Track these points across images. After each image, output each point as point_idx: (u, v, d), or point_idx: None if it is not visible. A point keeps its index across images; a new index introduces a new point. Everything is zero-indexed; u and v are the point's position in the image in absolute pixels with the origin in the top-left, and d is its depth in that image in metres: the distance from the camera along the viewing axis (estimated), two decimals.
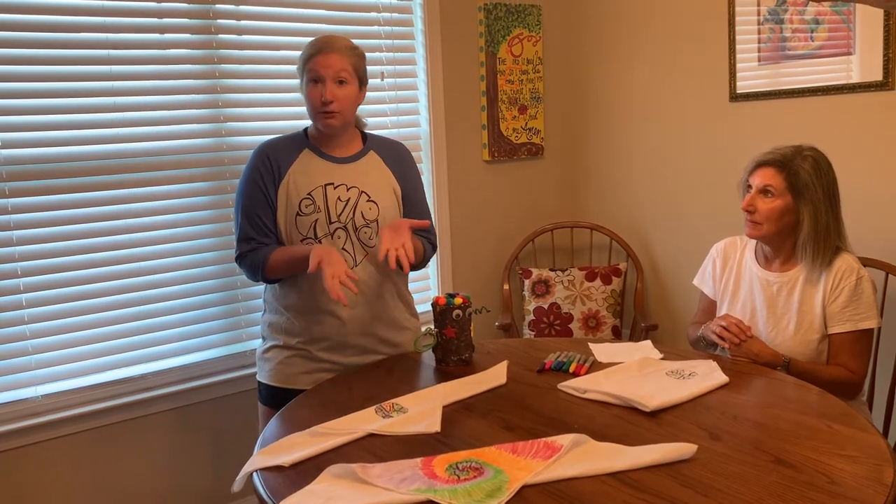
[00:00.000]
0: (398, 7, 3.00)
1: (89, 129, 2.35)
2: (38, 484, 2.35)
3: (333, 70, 1.94)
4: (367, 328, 2.05)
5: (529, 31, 3.35)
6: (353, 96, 1.99)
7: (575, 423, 1.59)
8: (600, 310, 3.21)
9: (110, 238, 2.42)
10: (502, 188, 3.39)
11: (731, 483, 1.31)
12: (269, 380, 2.07)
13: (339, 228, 2.01)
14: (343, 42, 1.98)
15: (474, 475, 1.36)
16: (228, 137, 2.60)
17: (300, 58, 2.00)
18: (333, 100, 1.94)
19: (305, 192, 1.99)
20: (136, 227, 2.46)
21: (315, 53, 1.95)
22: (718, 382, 1.76)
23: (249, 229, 2.01)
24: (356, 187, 2.03)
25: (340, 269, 1.83)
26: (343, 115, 1.99)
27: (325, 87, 1.94)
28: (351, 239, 2.02)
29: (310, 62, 1.96)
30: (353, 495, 1.30)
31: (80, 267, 2.37)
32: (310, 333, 2.02)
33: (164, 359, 2.56)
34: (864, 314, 1.95)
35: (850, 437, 1.46)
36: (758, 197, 1.99)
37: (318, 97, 1.95)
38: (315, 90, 1.95)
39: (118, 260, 2.44)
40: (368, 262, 2.04)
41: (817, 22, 2.65)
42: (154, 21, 2.43)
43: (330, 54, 1.94)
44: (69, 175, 2.33)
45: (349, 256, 2.02)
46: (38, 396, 2.34)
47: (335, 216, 2.00)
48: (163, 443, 2.56)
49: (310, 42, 2.00)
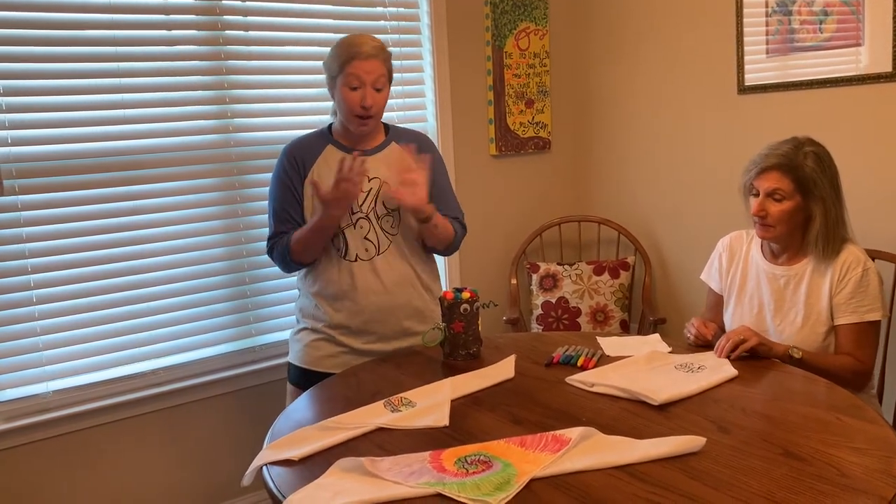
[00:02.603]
0: (405, 2, 2.99)
1: (98, 127, 2.36)
2: (49, 479, 2.36)
3: (373, 77, 1.99)
4: (386, 316, 2.09)
5: (536, 25, 3.34)
6: (386, 99, 2.06)
7: (583, 416, 1.59)
8: (608, 304, 3.20)
9: (120, 234, 2.43)
10: (510, 183, 3.39)
11: (739, 476, 1.31)
12: (298, 361, 2.15)
13: (362, 218, 2.07)
14: (378, 44, 2.02)
15: (483, 468, 1.36)
16: (236, 133, 2.60)
17: (334, 57, 2.02)
18: (373, 106, 2.00)
19: (329, 185, 2.00)
20: (146, 224, 2.47)
21: (354, 57, 1.97)
22: (727, 376, 1.76)
23: (280, 225, 2.10)
24: (377, 178, 2.08)
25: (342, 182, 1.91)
26: (377, 118, 2.07)
27: (365, 93, 1.98)
28: (374, 228, 2.08)
29: (350, 66, 1.98)
30: (361, 489, 1.31)
31: (89, 263, 2.38)
32: (332, 319, 2.09)
33: (174, 354, 2.57)
34: (869, 306, 1.94)
35: (860, 429, 1.46)
36: (767, 201, 1.97)
37: (356, 102, 1.99)
38: (354, 95, 1.99)
39: (128, 256, 2.45)
40: (391, 251, 2.10)
41: (826, 13, 2.63)
42: (161, 18, 2.43)
43: (371, 60, 1.98)
44: (78, 172, 2.34)
45: (372, 246, 2.08)
46: (49, 392, 2.36)
47: (357, 207, 2.06)
48: (174, 438, 2.58)
49: (343, 43, 2.01)
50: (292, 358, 2.18)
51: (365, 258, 2.08)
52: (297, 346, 2.17)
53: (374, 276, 2.08)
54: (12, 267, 2.27)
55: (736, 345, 1.87)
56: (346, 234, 2.07)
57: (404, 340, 2.14)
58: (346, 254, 2.07)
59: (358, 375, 1.94)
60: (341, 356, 2.10)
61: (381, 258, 2.08)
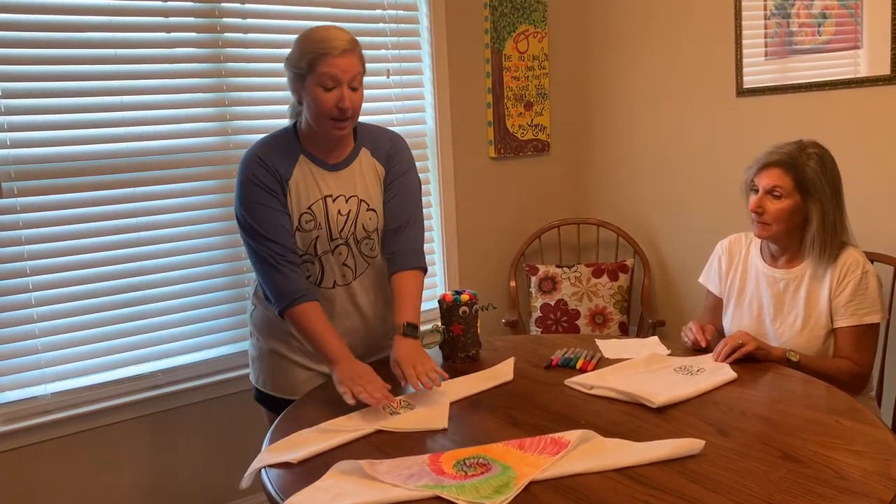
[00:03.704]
0: (403, 4, 3.00)
1: (97, 129, 2.36)
2: (48, 482, 2.36)
3: (350, 75, 1.75)
4: (364, 337, 1.99)
5: (535, 28, 3.35)
6: (362, 99, 1.82)
7: (582, 419, 1.59)
8: (607, 306, 3.20)
9: (118, 237, 2.43)
10: (508, 185, 3.39)
11: (738, 478, 1.31)
12: (271, 390, 2.00)
13: (341, 244, 1.90)
14: (351, 38, 1.78)
15: (482, 471, 1.36)
16: (235, 136, 2.61)
17: (301, 53, 1.75)
18: (352, 107, 1.77)
19: (305, 206, 1.85)
20: (144, 226, 2.47)
21: (328, 54, 1.72)
22: (726, 378, 1.76)
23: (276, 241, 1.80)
24: (355, 196, 1.90)
25: (376, 386, 1.67)
26: (354, 120, 1.84)
27: (342, 94, 1.74)
28: (352, 253, 1.92)
29: (324, 64, 1.72)
30: (360, 491, 1.31)
31: (88, 266, 2.38)
32: (307, 345, 1.92)
33: (173, 356, 2.57)
34: (868, 308, 1.94)
35: (859, 431, 1.46)
36: (766, 198, 1.98)
37: (332, 104, 1.75)
38: (329, 97, 1.74)
39: (127, 258, 2.45)
40: (367, 274, 1.96)
41: (824, 16, 2.64)
42: (160, 20, 2.44)
43: (346, 56, 1.74)
44: (77, 174, 2.34)
45: (350, 271, 1.93)
46: (47, 394, 2.36)
47: (336, 233, 1.88)
48: (173, 440, 2.57)
49: (313, 36, 1.76)
50: (263, 385, 2.00)
51: (342, 283, 1.93)
52: (268, 372, 1.98)
53: (351, 300, 1.95)
54: (11, 269, 2.27)
55: (734, 349, 1.87)
56: (324, 260, 1.89)
57: (380, 355, 2.04)
58: (322, 282, 1.91)
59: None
60: (316, 378, 1.96)
61: (357, 282, 1.94)
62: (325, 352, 1.77)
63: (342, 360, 1.74)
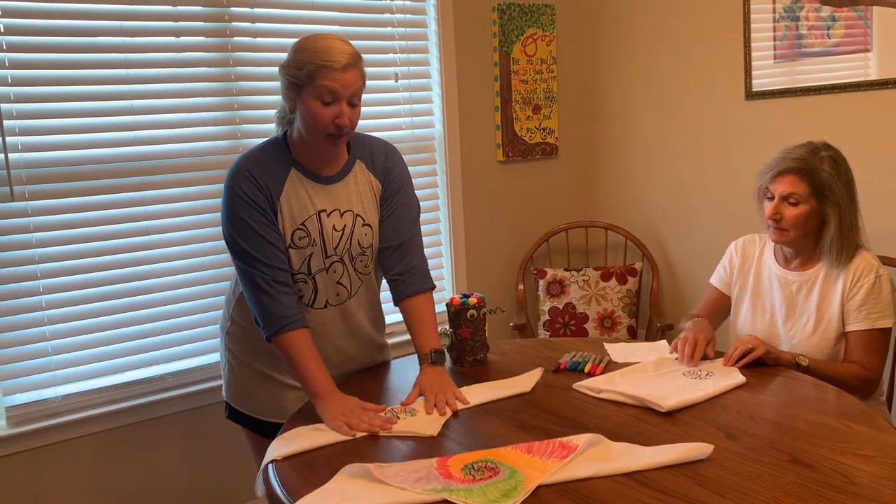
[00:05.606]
0: (412, 8, 3.00)
1: (107, 133, 2.38)
2: (58, 484, 2.37)
3: (351, 91, 1.67)
4: (353, 355, 1.95)
5: (543, 31, 3.35)
6: (360, 114, 1.74)
7: (590, 422, 1.59)
8: (616, 310, 3.20)
9: (129, 240, 2.44)
10: (517, 188, 3.39)
11: (747, 483, 1.30)
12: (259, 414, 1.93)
13: (336, 261, 1.82)
14: (354, 51, 1.68)
15: (490, 475, 1.36)
16: (244, 140, 2.62)
17: (299, 63, 1.65)
18: (349, 124, 1.69)
19: (299, 222, 1.76)
20: (155, 229, 2.48)
21: (329, 68, 1.63)
22: (735, 383, 1.75)
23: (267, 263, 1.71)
24: (350, 211, 1.81)
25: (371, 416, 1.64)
26: (350, 135, 1.75)
27: (340, 110, 1.66)
28: (347, 270, 1.84)
29: (324, 77, 1.63)
30: (368, 494, 1.31)
31: (99, 268, 2.40)
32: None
33: (183, 359, 2.58)
34: (881, 313, 1.93)
35: (869, 436, 1.45)
36: (782, 205, 1.96)
37: (329, 120, 1.66)
38: (326, 112, 1.66)
39: (137, 261, 2.46)
40: (360, 293, 1.89)
41: (834, 19, 2.63)
42: (170, 24, 2.45)
43: (349, 71, 1.65)
44: (87, 178, 2.35)
45: (345, 290, 1.86)
46: (58, 397, 2.37)
47: (331, 249, 1.80)
48: (183, 443, 2.58)
49: (314, 47, 1.66)
50: (257, 412, 1.91)
51: (335, 303, 1.85)
52: (258, 396, 1.89)
53: (342, 320, 1.88)
54: (22, 272, 2.28)
55: (744, 353, 1.87)
56: (318, 279, 1.80)
57: (360, 367, 2.00)
58: (315, 302, 1.82)
59: (364, 381, 1.93)
60: (305, 397, 1.82)
61: (350, 301, 1.87)
62: (311, 385, 1.70)
63: (328, 395, 1.68)
